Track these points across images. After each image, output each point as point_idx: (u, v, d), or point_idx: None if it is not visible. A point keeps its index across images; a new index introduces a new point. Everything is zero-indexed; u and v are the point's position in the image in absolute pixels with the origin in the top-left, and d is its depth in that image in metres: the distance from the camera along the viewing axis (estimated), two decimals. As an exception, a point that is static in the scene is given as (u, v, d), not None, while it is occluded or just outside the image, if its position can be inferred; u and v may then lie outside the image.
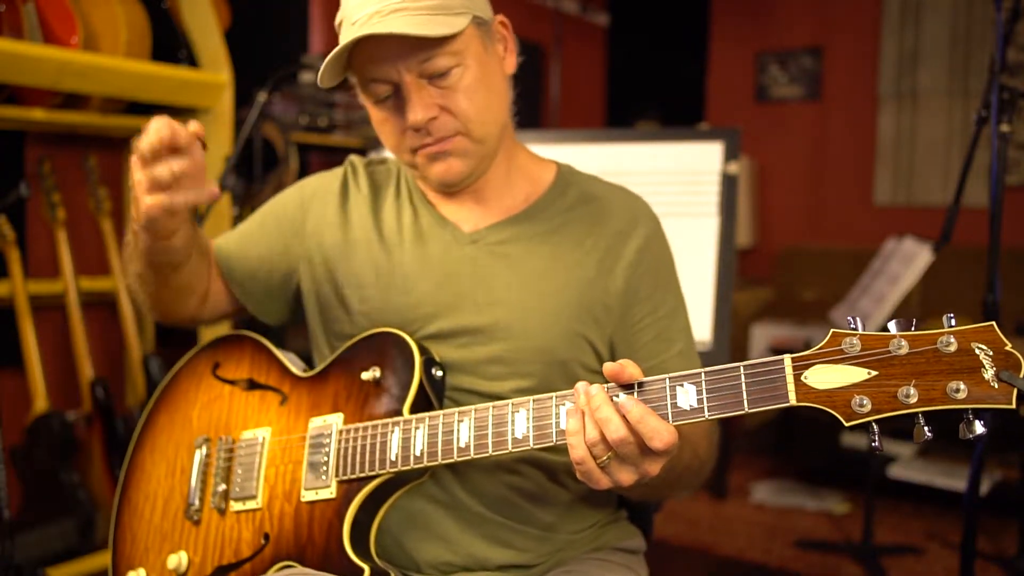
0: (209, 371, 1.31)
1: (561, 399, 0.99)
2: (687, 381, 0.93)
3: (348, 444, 1.12)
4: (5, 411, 2.40)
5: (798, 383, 0.88)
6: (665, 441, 0.90)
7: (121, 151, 2.94)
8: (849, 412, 0.86)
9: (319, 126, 3.31)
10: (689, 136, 2.15)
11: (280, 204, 1.35)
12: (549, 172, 1.30)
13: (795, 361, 0.89)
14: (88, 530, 2.44)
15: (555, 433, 0.98)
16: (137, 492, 1.29)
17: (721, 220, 2.00)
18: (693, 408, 0.93)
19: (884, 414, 0.85)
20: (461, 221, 1.25)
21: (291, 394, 1.22)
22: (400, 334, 1.16)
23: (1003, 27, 1.76)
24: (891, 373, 0.85)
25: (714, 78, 5.49)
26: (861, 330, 0.88)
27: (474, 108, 1.13)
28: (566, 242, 1.22)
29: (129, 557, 1.25)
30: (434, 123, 1.13)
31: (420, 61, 1.10)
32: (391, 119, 1.16)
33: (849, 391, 0.86)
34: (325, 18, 3.75)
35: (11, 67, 2.17)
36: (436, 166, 1.17)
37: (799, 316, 4.44)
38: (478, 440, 1.03)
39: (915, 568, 3.00)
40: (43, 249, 2.70)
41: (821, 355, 0.88)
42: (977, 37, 4.60)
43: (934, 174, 4.75)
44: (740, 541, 3.23)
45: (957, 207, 2.05)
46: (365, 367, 1.16)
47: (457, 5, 1.10)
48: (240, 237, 1.34)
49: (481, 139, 1.16)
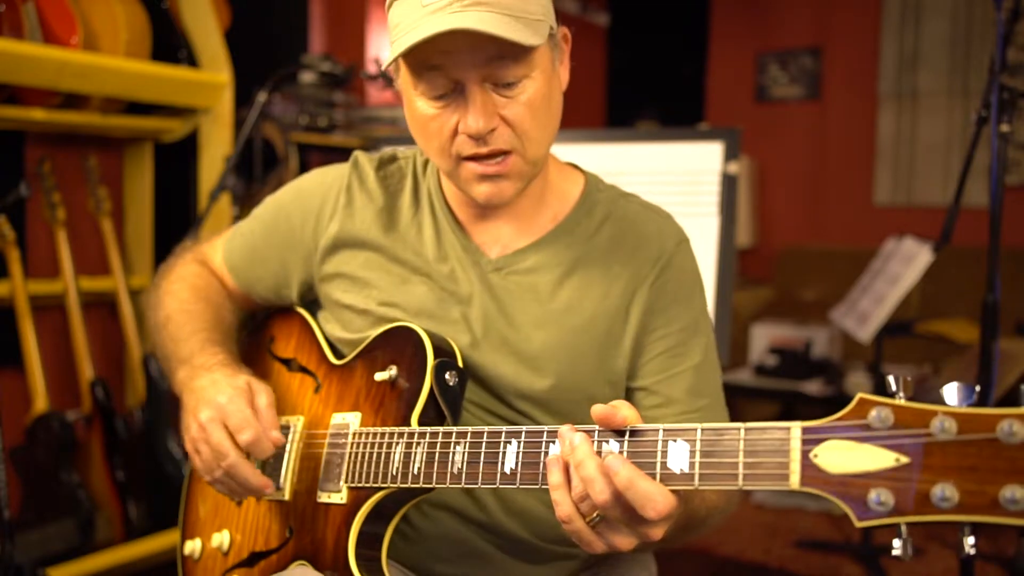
0: (266, 345, 1.31)
1: (552, 434, 0.88)
2: (681, 437, 0.80)
3: (360, 449, 1.07)
4: (5, 411, 2.39)
5: (805, 462, 0.72)
6: (659, 510, 0.78)
7: (121, 151, 2.94)
8: (863, 509, 0.69)
9: (319, 126, 3.31)
10: (689, 136, 2.15)
11: (283, 218, 1.27)
12: (576, 185, 1.22)
13: (805, 432, 0.73)
14: (88, 530, 2.43)
15: (541, 476, 0.88)
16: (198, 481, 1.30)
17: (721, 220, 2.00)
18: (684, 473, 0.79)
19: (907, 517, 0.67)
20: (487, 243, 1.17)
21: (324, 382, 1.19)
22: (420, 332, 1.09)
23: (1003, 27, 1.76)
24: (927, 464, 0.66)
25: (714, 78, 5.49)
26: (900, 398, 0.70)
27: (535, 125, 1.05)
28: (594, 272, 1.15)
29: (191, 524, 1.27)
30: (492, 133, 1.03)
31: (493, 65, 1.00)
32: (440, 117, 1.04)
33: (868, 481, 0.69)
34: (325, 18, 3.75)
35: (11, 67, 2.17)
36: (485, 186, 1.07)
37: (799, 316, 4.44)
38: (469, 469, 0.95)
39: (915, 568, 3.00)
40: (43, 249, 2.70)
41: (840, 428, 0.71)
42: (977, 37, 4.60)
43: (934, 174, 4.75)
44: (740, 541, 3.23)
45: (957, 207, 2.05)
46: (383, 365, 1.11)
47: (537, 11, 1.01)
48: (250, 256, 1.30)
49: (534, 160, 1.08)
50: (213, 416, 1.05)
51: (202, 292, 1.29)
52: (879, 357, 3.10)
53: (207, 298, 1.29)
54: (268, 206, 1.30)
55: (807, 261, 4.85)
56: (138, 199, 2.94)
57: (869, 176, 4.95)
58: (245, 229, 1.32)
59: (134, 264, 2.93)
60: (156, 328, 1.28)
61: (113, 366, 2.90)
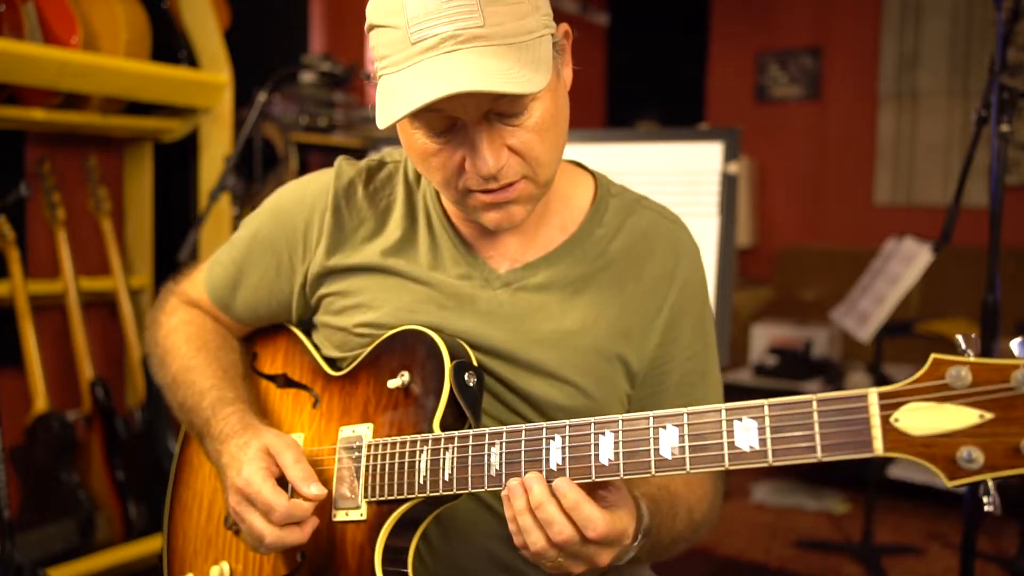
0: (248, 363, 1.25)
1: (600, 427, 0.88)
2: (747, 415, 0.79)
3: (377, 462, 1.02)
4: (5, 411, 2.40)
5: (886, 427, 0.72)
6: (598, 532, 0.84)
7: (121, 151, 2.94)
8: (952, 468, 0.69)
9: (319, 126, 3.31)
10: (689, 136, 2.15)
11: (265, 243, 1.20)
12: (584, 189, 1.16)
13: (883, 398, 0.72)
14: (88, 530, 2.44)
15: (593, 468, 0.87)
16: (186, 489, 1.24)
17: (721, 220, 2.00)
18: (755, 451, 0.78)
19: (1000, 471, 0.68)
20: (494, 257, 1.11)
21: (323, 395, 1.13)
22: (430, 334, 1.04)
23: (1003, 27, 1.76)
24: (1013, 417, 0.67)
25: (714, 78, 5.49)
26: (970, 355, 0.70)
27: (545, 150, 0.98)
28: (607, 288, 1.11)
29: (181, 557, 1.21)
30: (501, 169, 0.96)
31: (496, 103, 0.92)
32: (443, 153, 0.97)
33: (954, 439, 0.69)
34: (325, 18, 3.75)
35: (11, 67, 2.17)
36: (493, 214, 1.01)
37: (799, 316, 4.44)
38: (510, 470, 0.92)
39: (915, 568, 3.00)
40: (43, 249, 2.70)
41: (918, 391, 0.71)
42: (977, 37, 4.60)
43: (934, 174, 4.75)
44: (740, 541, 3.23)
45: (957, 207, 2.05)
46: (393, 372, 1.06)
47: (535, 24, 0.93)
48: (233, 287, 1.23)
49: (546, 182, 1.02)
50: (239, 500, 1.01)
51: (198, 340, 1.22)
52: (879, 357, 3.11)
53: (205, 345, 1.22)
54: (247, 231, 1.22)
55: (807, 261, 4.85)
56: (138, 199, 2.94)
57: (869, 176, 4.95)
58: (225, 259, 1.24)
59: (134, 264, 2.93)
60: (165, 389, 1.24)
61: (113, 366, 2.90)
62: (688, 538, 1.08)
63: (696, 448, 0.82)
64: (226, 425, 1.09)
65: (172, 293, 1.32)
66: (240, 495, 1.01)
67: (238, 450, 1.04)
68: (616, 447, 0.86)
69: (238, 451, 1.04)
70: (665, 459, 0.84)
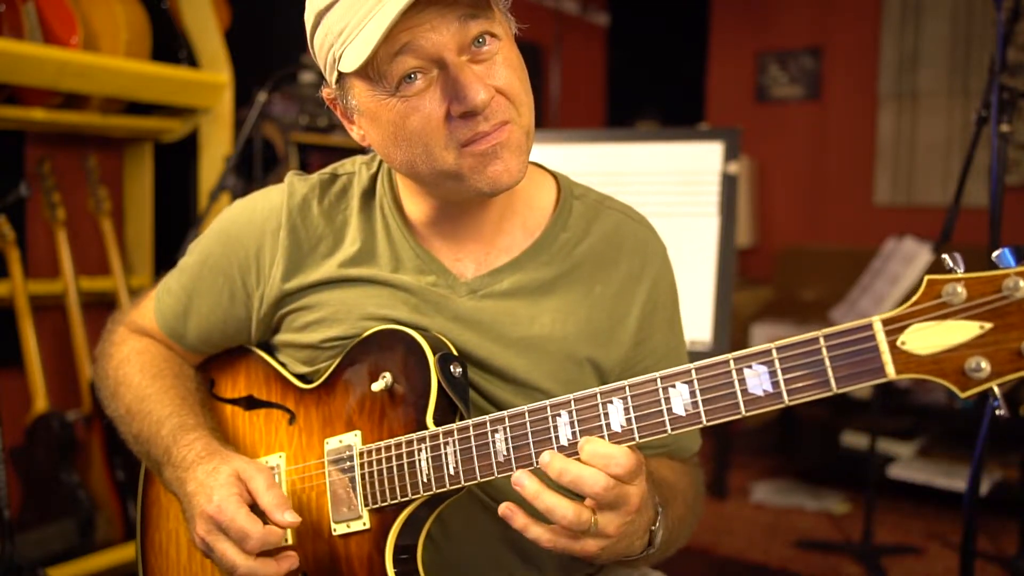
0: (206, 391, 1.20)
1: (607, 395, 0.87)
2: (756, 361, 0.80)
3: (373, 468, 1.00)
4: (5, 411, 2.39)
5: (895, 351, 0.74)
6: (623, 465, 0.84)
7: (121, 151, 2.94)
8: (963, 380, 0.72)
9: (319, 126, 3.31)
10: (689, 136, 2.15)
11: (216, 268, 1.16)
12: (547, 191, 1.15)
13: (887, 324, 0.74)
14: (88, 530, 2.44)
15: (607, 437, 0.87)
16: (157, 531, 1.18)
17: (721, 220, 2.01)
18: (768, 394, 0.79)
19: (1007, 376, 0.70)
20: (457, 264, 1.09)
21: (298, 410, 1.10)
22: (406, 331, 1.02)
23: (1003, 27, 1.76)
24: (1010, 323, 0.70)
25: (714, 78, 5.49)
26: (959, 272, 0.73)
27: (523, 88, 0.98)
28: (575, 291, 1.10)
29: None
30: (489, 106, 0.94)
31: (466, 26, 0.92)
32: (422, 109, 0.94)
33: (960, 353, 0.71)
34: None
35: (11, 67, 2.17)
36: (493, 166, 0.96)
37: (799, 316, 4.44)
38: (518, 453, 0.90)
39: (915, 568, 3.00)
40: (43, 249, 2.70)
41: (918, 312, 0.73)
42: (977, 37, 4.60)
43: (934, 174, 4.75)
44: (740, 541, 3.23)
45: (957, 207, 2.05)
46: (374, 375, 1.02)
47: None
48: (184, 316, 1.19)
49: (528, 130, 1.00)
50: (210, 529, 0.97)
51: (152, 368, 1.18)
52: (879, 357, 3.10)
53: (160, 373, 1.17)
54: (196, 257, 1.18)
55: (807, 261, 4.85)
56: (138, 199, 2.94)
57: (869, 176, 4.95)
58: (174, 287, 1.20)
59: (134, 264, 2.93)
60: (118, 421, 1.18)
61: (113, 366, 2.90)
62: (690, 524, 1.09)
63: (709, 401, 0.82)
64: (189, 452, 1.05)
65: (120, 323, 1.28)
66: (211, 523, 0.97)
67: (207, 476, 1.00)
68: (627, 412, 0.86)
69: (207, 477, 1.00)
70: (679, 416, 0.84)
